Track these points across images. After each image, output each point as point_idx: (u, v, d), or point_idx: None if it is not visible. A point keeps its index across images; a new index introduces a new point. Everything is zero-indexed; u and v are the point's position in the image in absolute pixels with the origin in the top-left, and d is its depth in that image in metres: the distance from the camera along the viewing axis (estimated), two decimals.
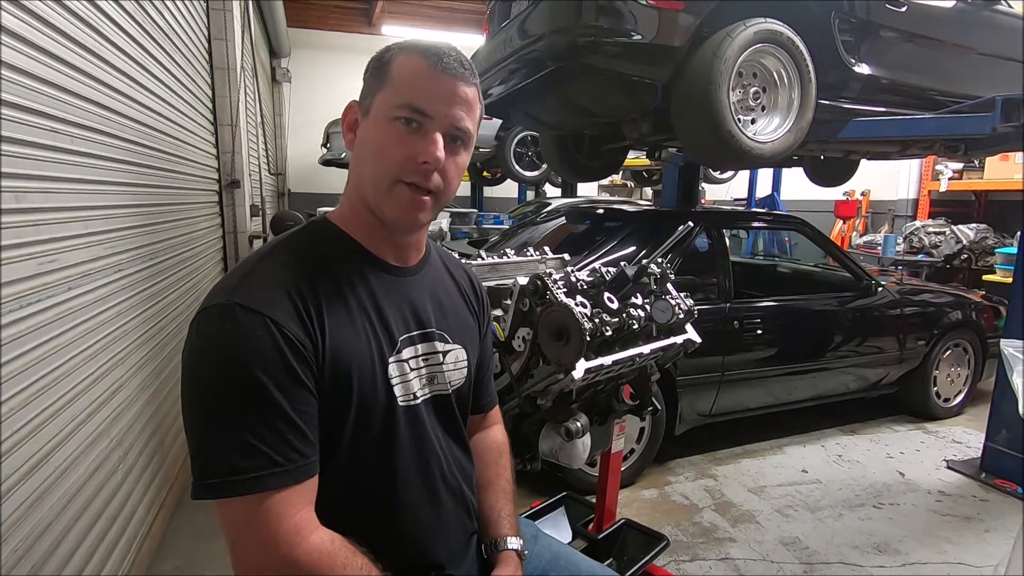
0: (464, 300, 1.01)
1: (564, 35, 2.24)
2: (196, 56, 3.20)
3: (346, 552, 0.74)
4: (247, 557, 0.71)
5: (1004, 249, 5.90)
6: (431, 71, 0.80)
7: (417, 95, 0.79)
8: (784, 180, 7.11)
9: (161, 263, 2.36)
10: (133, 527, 1.90)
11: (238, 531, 0.71)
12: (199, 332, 0.73)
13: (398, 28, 8.46)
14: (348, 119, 0.87)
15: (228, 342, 0.71)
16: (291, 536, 0.70)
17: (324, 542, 0.73)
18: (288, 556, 0.70)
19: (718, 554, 2.21)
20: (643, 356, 1.39)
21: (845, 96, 2.69)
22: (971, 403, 3.67)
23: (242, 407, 0.70)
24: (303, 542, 0.71)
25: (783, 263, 4.69)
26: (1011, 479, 2.73)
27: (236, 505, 0.69)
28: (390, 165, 0.80)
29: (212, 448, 0.70)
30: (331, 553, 0.72)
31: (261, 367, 0.70)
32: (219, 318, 0.72)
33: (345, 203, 0.89)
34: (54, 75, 1.44)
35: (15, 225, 1.26)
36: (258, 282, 0.76)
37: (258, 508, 0.69)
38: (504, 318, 1.35)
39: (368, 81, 0.84)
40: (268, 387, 0.70)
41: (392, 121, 0.79)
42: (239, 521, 0.70)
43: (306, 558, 0.70)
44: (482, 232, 6.27)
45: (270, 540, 0.70)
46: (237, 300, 0.72)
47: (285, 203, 8.37)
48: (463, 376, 0.96)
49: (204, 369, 0.72)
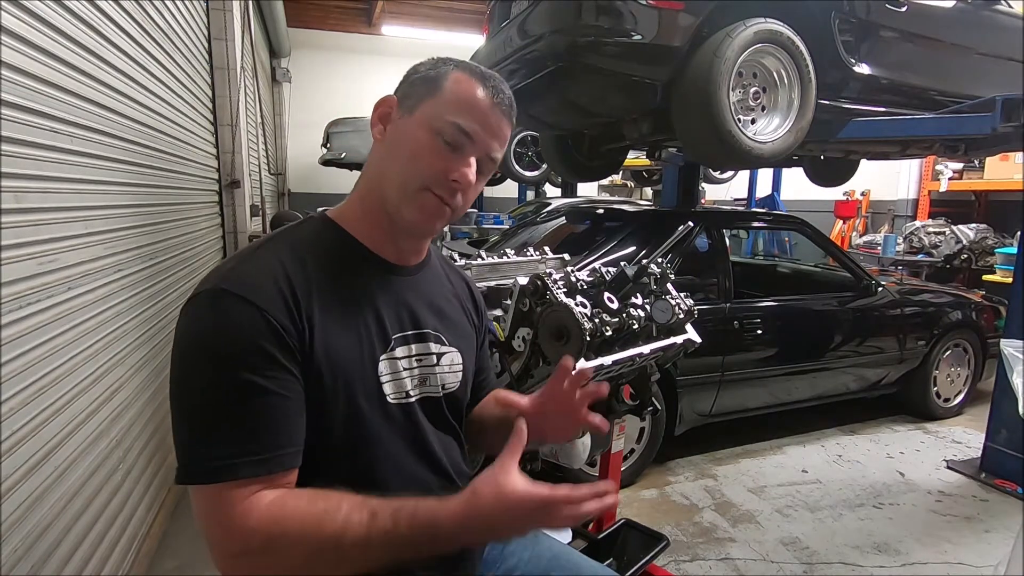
0: (462, 307, 1.01)
1: (564, 35, 2.24)
2: (196, 56, 3.20)
3: (294, 497, 0.71)
4: (215, 545, 0.70)
5: (1004, 249, 5.90)
6: (488, 101, 0.83)
7: (470, 119, 0.81)
8: (784, 180, 7.11)
9: (161, 263, 2.36)
10: (133, 527, 1.90)
11: (207, 518, 0.70)
12: (187, 317, 0.74)
13: (398, 28, 8.46)
14: (381, 111, 0.86)
15: (211, 329, 0.72)
16: (245, 512, 0.68)
17: (273, 500, 0.70)
18: (242, 530, 0.68)
19: (718, 554, 2.21)
20: (643, 356, 1.39)
21: (845, 96, 2.69)
22: (971, 403, 3.67)
23: (221, 395, 0.70)
24: (254, 511, 0.68)
25: (783, 263, 4.69)
26: (1011, 479, 2.73)
27: (207, 492, 0.69)
28: (423, 171, 0.81)
29: (191, 434, 0.71)
30: (280, 504, 0.69)
31: (242, 355, 0.70)
32: (205, 304, 0.73)
33: (355, 199, 0.88)
34: (54, 75, 1.44)
35: (15, 225, 1.26)
36: (248, 270, 0.76)
37: (227, 495, 0.68)
38: (504, 318, 1.35)
39: (415, 83, 0.85)
40: (248, 375, 0.70)
41: (436, 132, 0.81)
42: (208, 508, 0.69)
43: (258, 524, 0.68)
44: (482, 232, 6.27)
45: (233, 525, 0.68)
46: (224, 286, 0.73)
47: (285, 203, 8.37)
48: (458, 380, 0.94)
49: (188, 356, 0.72)
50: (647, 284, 1.48)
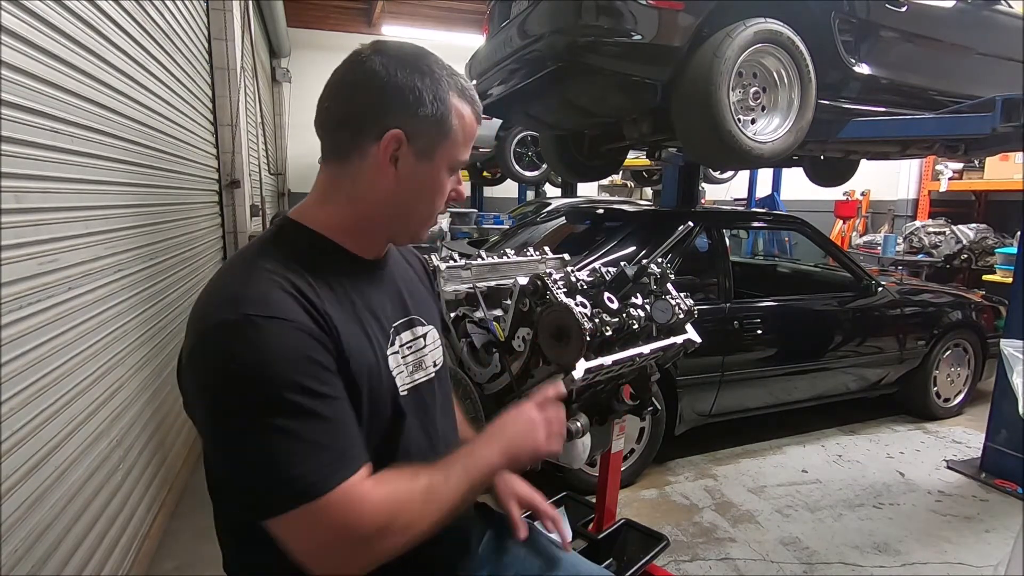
0: (422, 282, 1.05)
1: (564, 35, 2.24)
2: (196, 56, 3.20)
3: (382, 477, 0.75)
4: (338, 549, 0.71)
5: (1004, 249, 5.90)
6: (477, 124, 0.88)
7: (469, 150, 0.88)
8: (784, 180, 7.11)
9: (161, 263, 2.36)
10: (133, 527, 1.90)
11: (323, 532, 0.70)
12: (221, 354, 0.70)
13: (398, 28, 8.46)
14: (390, 151, 0.81)
15: (258, 356, 0.69)
16: (360, 500, 0.71)
17: (373, 483, 0.74)
18: (367, 514, 0.71)
19: (718, 554, 2.21)
20: (643, 356, 1.39)
21: (845, 96, 2.69)
22: (971, 403, 3.67)
23: (292, 414, 0.69)
24: (366, 496, 0.72)
25: (783, 263, 4.69)
26: (1011, 479, 2.73)
27: (313, 508, 0.69)
28: (439, 205, 0.88)
29: (271, 463, 0.68)
30: (381, 482, 0.74)
31: (297, 372, 0.70)
32: (240, 335, 0.69)
33: (345, 212, 0.84)
34: (54, 75, 1.44)
35: (15, 225, 1.26)
36: (260, 291, 0.73)
37: (335, 499, 0.69)
38: (504, 318, 1.35)
39: (424, 122, 0.81)
40: (310, 384, 0.70)
41: (449, 171, 0.86)
42: (319, 521, 0.69)
43: (376, 504, 0.72)
44: (482, 232, 6.28)
45: (355, 516, 0.71)
46: (249, 312, 0.70)
47: (285, 203, 8.36)
48: (442, 354, 0.99)
49: (240, 388, 0.69)
50: (647, 284, 1.48)
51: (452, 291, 1.43)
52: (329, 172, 0.85)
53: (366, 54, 0.81)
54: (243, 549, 0.84)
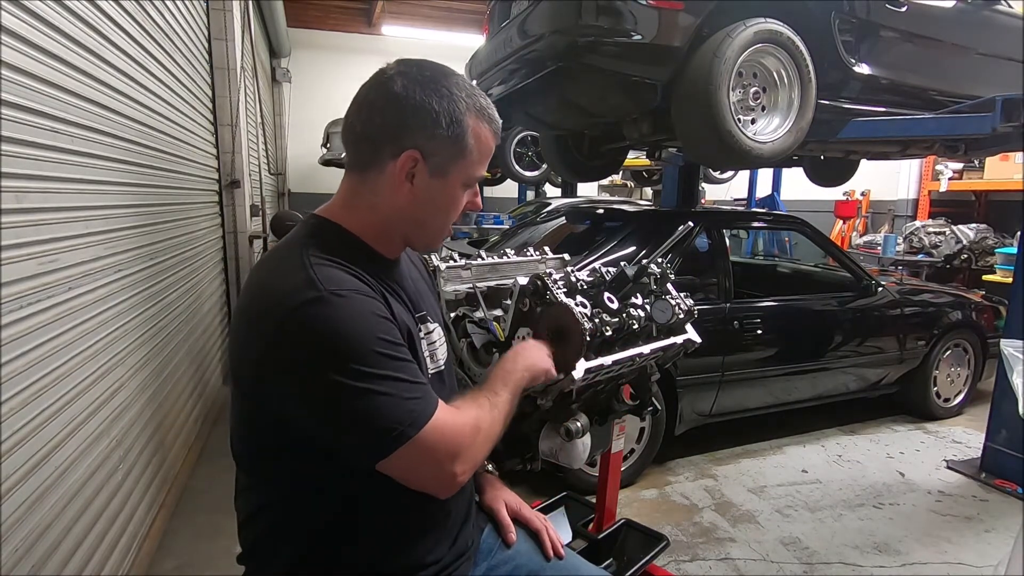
0: (424, 280, 1.10)
1: (564, 35, 2.24)
2: (196, 56, 3.20)
3: (464, 403, 0.89)
4: (448, 461, 0.82)
5: (1004, 249, 5.90)
6: (495, 142, 0.92)
7: (485, 167, 0.93)
8: (784, 180, 7.10)
9: (161, 263, 2.36)
10: (133, 527, 1.90)
11: (434, 451, 0.81)
12: (310, 325, 0.76)
13: (398, 28, 8.46)
14: (407, 169, 0.85)
15: (345, 324, 0.77)
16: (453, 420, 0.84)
17: (452, 407, 0.86)
18: (462, 427, 0.84)
19: (718, 554, 2.21)
20: (643, 356, 1.39)
21: (845, 96, 2.69)
22: (971, 403, 3.67)
23: (383, 367, 0.78)
24: (457, 416, 0.85)
25: (783, 263, 4.69)
26: (1011, 479, 2.74)
27: (421, 435, 0.79)
28: (454, 217, 0.94)
29: (380, 405, 0.77)
30: (458, 405, 0.88)
31: (379, 330, 0.79)
32: (324, 306, 0.76)
33: (357, 216, 0.90)
34: (54, 75, 1.45)
35: (15, 225, 1.27)
36: (326, 273, 0.80)
37: (435, 425, 0.81)
38: (504, 318, 1.35)
39: (441, 142, 0.85)
40: (390, 340, 0.80)
41: (464, 187, 0.91)
42: (429, 444, 0.80)
43: (464, 421, 0.85)
44: (482, 232, 6.27)
45: (455, 432, 0.83)
46: (329, 289, 0.77)
47: (285, 203, 8.36)
48: (447, 350, 1.04)
49: (335, 353, 0.76)
50: (647, 284, 1.48)
51: (452, 291, 1.43)
52: (352, 180, 0.91)
53: (390, 73, 0.86)
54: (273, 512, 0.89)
